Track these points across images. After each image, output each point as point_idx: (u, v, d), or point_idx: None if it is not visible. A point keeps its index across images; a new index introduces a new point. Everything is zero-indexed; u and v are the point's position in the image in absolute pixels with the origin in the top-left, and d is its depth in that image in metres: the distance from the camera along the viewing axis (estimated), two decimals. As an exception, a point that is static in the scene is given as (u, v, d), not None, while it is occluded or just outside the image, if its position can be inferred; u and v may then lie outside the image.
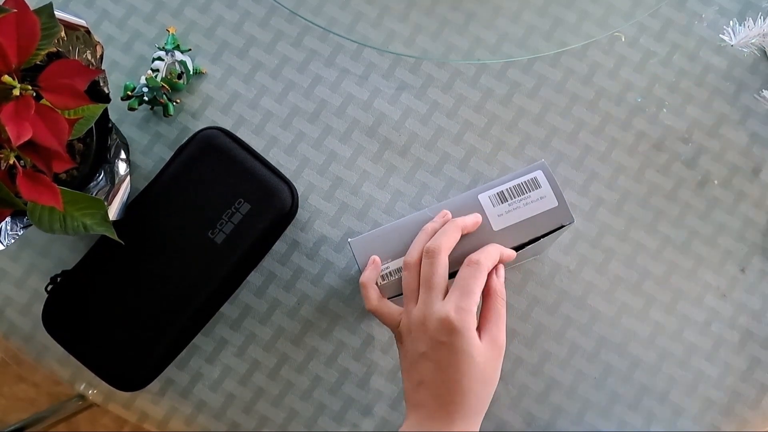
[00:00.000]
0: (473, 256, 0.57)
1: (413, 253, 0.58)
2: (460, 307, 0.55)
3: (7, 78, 0.52)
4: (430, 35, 0.75)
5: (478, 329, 0.56)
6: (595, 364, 0.70)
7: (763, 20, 0.72)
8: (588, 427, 0.69)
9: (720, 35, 0.74)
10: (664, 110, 0.74)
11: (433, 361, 0.56)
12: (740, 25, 0.74)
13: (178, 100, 0.74)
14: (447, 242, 0.57)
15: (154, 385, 0.70)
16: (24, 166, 0.54)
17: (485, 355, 0.56)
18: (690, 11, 0.76)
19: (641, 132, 0.74)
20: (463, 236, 0.59)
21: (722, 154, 0.73)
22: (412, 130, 0.74)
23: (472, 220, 0.59)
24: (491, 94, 0.75)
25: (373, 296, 0.59)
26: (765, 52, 0.75)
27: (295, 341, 0.71)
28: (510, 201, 0.59)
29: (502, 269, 0.59)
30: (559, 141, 0.74)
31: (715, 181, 0.73)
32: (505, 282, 0.71)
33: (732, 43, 0.73)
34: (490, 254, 0.57)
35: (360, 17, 0.76)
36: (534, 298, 0.71)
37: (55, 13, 0.57)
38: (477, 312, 0.56)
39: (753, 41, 0.73)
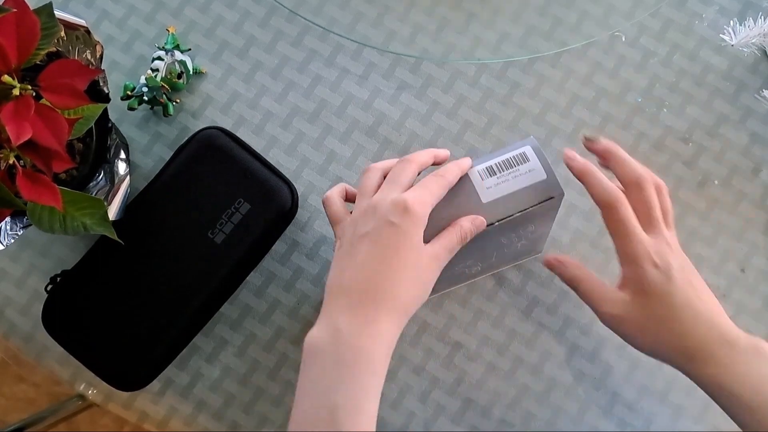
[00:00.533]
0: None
1: (381, 164, 0.60)
2: (418, 195, 0.56)
3: (7, 78, 0.52)
4: (430, 35, 0.75)
5: (426, 242, 0.56)
6: (595, 364, 0.70)
7: (764, 20, 0.72)
8: (588, 427, 0.69)
9: (720, 35, 0.74)
10: (664, 110, 0.74)
11: (374, 240, 0.54)
12: (740, 24, 0.74)
13: (178, 100, 0.74)
14: (421, 159, 0.59)
15: (154, 385, 0.70)
16: (24, 166, 0.54)
17: (426, 257, 0.56)
18: (690, 11, 0.76)
19: (641, 132, 0.74)
20: (451, 203, 0.59)
21: (722, 154, 0.73)
22: (412, 130, 0.74)
23: (444, 152, 0.62)
24: (491, 94, 0.75)
25: (339, 188, 0.62)
26: (765, 51, 0.75)
27: (295, 341, 0.71)
28: (499, 174, 0.60)
29: (480, 222, 0.58)
30: (559, 141, 0.74)
31: (715, 181, 0.73)
32: (504, 282, 0.71)
33: (732, 43, 0.73)
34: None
35: (360, 17, 0.76)
36: (534, 298, 0.71)
37: (55, 12, 0.57)
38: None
39: (753, 41, 0.73)
